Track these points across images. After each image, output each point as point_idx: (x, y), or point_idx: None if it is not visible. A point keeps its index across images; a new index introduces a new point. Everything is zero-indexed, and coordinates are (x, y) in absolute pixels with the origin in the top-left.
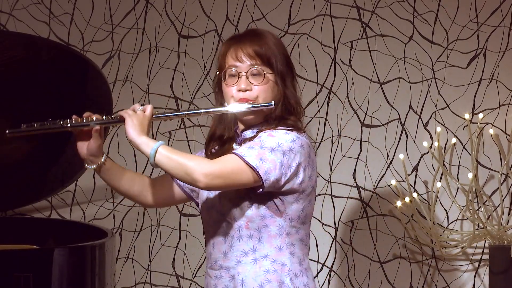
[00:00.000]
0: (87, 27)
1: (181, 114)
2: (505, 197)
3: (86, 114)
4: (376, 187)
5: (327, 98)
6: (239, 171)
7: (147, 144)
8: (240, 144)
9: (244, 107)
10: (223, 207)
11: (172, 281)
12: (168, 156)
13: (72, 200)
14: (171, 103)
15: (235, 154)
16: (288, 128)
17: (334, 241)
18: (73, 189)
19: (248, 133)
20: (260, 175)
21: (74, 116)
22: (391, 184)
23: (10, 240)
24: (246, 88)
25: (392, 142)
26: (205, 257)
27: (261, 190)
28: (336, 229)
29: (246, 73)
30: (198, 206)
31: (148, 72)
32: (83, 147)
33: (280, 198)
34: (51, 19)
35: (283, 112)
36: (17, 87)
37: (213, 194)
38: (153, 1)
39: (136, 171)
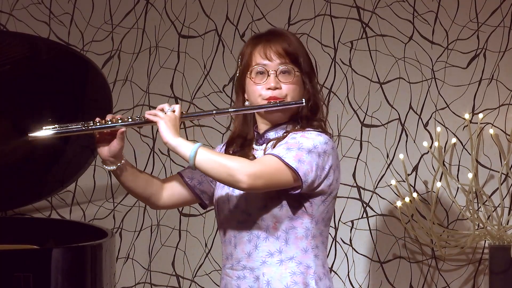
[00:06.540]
0: (87, 27)
1: (209, 114)
2: (505, 197)
3: (109, 116)
4: (376, 187)
5: (327, 98)
6: (280, 172)
7: (185, 146)
8: (262, 145)
9: (274, 105)
10: (248, 207)
11: (172, 281)
12: (210, 158)
13: (72, 200)
14: (171, 103)
15: (273, 155)
16: (317, 130)
17: (334, 241)
18: (73, 189)
19: (272, 134)
20: (300, 177)
21: (97, 119)
22: (391, 184)
23: (10, 240)
24: (276, 87)
25: (392, 142)
26: (205, 257)
27: (298, 191)
28: (336, 229)
29: (276, 71)
30: (204, 208)
31: (148, 72)
32: (104, 148)
33: (309, 200)
34: (51, 19)
35: (310, 112)
36: (17, 87)
37: (236, 193)
38: (153, 1)
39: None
